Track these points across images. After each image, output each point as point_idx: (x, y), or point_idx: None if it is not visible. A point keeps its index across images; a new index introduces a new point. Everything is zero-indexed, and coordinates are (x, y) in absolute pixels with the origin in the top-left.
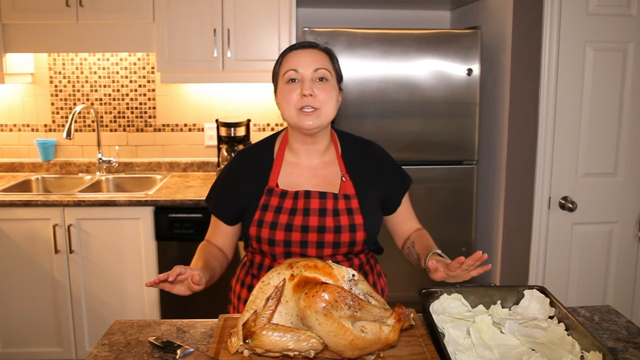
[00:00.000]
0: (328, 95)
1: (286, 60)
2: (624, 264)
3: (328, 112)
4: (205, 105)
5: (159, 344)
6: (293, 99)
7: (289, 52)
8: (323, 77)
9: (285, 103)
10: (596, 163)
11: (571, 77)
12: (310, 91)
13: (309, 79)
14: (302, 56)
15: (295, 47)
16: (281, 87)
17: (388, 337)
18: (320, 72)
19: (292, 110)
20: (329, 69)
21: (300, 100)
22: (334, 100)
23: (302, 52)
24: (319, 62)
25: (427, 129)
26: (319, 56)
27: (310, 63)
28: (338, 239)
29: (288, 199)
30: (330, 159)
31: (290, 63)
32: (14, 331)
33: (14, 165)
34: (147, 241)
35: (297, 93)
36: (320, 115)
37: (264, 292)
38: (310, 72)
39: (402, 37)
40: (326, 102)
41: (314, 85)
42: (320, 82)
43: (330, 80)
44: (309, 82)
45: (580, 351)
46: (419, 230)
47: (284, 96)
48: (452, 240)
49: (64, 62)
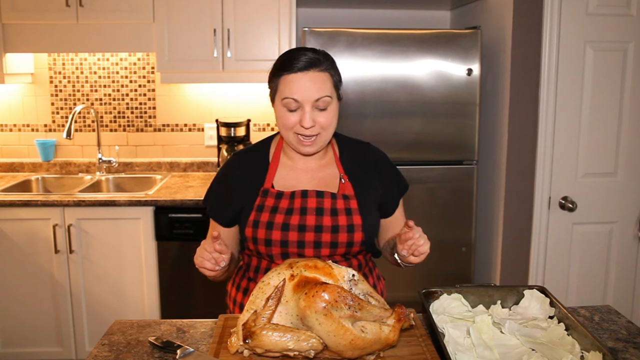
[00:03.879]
0: (329, 120)
1: (284, 84)
2: (624, 264)
3: (329, 134)
4: (205, 105)
5: (159, 344)
6: (291, 124)
7: (287, 73)
8: (324, 107)
9: (283, 125)
10: (596, 163)
11: (571, 77)
12: (312, 123)
13: (310, 108)
14: (302, 83)
15: (293, 69)
16: (279, 106)
17: (388, 337)
18: (321, 102)
19: (289, 133)
20: (330, 93)
21: (299, 128)
22: (335, 121)
23: (302, 76)
24: (320, 89)
25: (427, 129)
26: (319, 80)
27: (311, 92)
28: (335, 239)
29: (284, 199)
30: (328, 162)
31: (289, 90)
32: (14, 331)
33: (14, 165)
34: (147, 241)
35: (296, 120)
36: (320, 141)
37: (264, 292)
38: (311, 101)
39: (402, 37)
40: (327, 126)
41: (314, 114)
42: (321, 109)
43: (332, 104)
44: (310, 113)
45: (580, 351)
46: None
47: (281, 119)
48: (452, 240)
49: (64, 62)
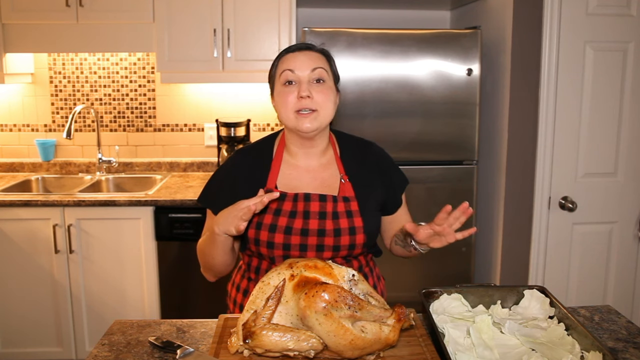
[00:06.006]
0: (326, 96)
1: (282, 62)
2: (624, 264)
3: (326, 114)
4: (205, 105)
5: (159, 344)
6: (290, 101)
7: (285, 54)
8: (320, 79)
9: (283, 106)
10: (596, 163)
11: (571, 77)
12: (308, 93)
13: (306, 81)
14: (298, 58)
15: (291, 49)
16: (278, 89)
17: (388, 337)
18: (317, 72)
19: (289, 113)
20: (326, 69)
21: (297, 103)
22: (332, 102)
23: (298, 54)
24: (315, 62)
25: (427, 129)
26: (315, 57)
27: (307, 64)
28: (338, 242)
29: (287, 201)
30: (328, 161)
31: (287, 64)
32: (14, 331)
33: (14, 165)
34: (147, 241)
35: (294, 96)
36: (318, 117)
37: (264, 292)
38: (307, 73)
39: (402, 37)
40: (324, 103)
41: (311, 87)
42: (317, 84)
43: (327, 82)
44: (306, 84)
45: (580, 351)
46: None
47: (280, 98)
48: None
49: (64, 62)
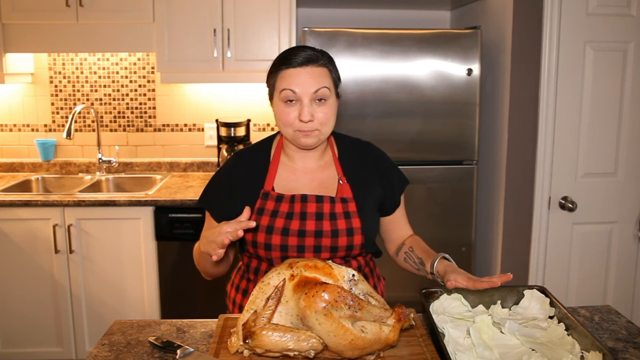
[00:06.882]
0: (328, 115)
1: (282, 79)
2: (624, 264)
3: (327, 130)
4: (205, 105)
5: (159, 344)
6: (290, 120)
7: (285, 68)
8: (322, 98)
9: (282, 121)
10: (596, 163)
11: (571, 77)
12: (310, 117)
13: (308, 102)
14: (300, 76)
15: (292, 63)
16: (277, 103)
17: (388, 337)
18: (320, 93)
19: (288, 129)
20: (328, 86)
21: (298, 124)
22: (334, 117)
23: (300, 70)
24: (318, 81)
25: (427, 129)
26: (318, 74)
27: (310, 84)
28: (335, 243)
29: (284, 202)
30: (326, 162)
31: (287, 82)
32: (14, 331)
33: (14, 165)
34: (147, 241)
35: (294, 115)
36: (319, 135)
37: (264, 292)
38: (310, 94)
39: (402, 37)
40: (326, 122)
41: (313, 109)
42: (319, 102)
43: (329, 99)
44: (308, 107)
45: (580, 351)
46: (413, 235)
47: (280, 115)
48: (452, 241)
49: (64, 62)
